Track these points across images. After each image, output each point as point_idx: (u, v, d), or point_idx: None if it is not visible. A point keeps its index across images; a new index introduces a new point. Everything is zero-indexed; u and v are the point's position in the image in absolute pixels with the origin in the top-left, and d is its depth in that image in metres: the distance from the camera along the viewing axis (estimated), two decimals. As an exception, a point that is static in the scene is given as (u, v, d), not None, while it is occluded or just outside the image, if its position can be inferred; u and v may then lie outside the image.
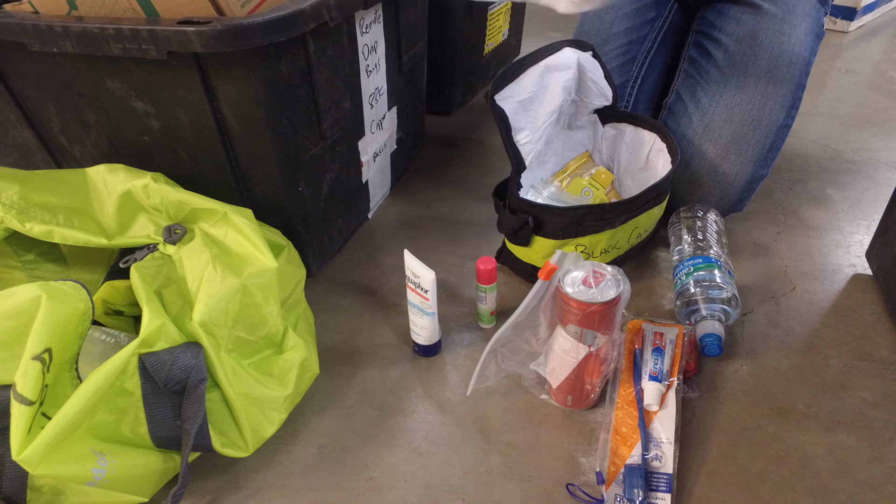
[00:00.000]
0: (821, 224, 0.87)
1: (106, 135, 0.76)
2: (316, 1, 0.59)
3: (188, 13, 0.58)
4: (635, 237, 0.72)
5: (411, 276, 0.61)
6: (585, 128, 0.85)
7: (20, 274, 0.77)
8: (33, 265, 0.78)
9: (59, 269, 0.80)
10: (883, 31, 1.57)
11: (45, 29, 0.61)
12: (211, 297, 0.56)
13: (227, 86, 0.61)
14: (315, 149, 0.71)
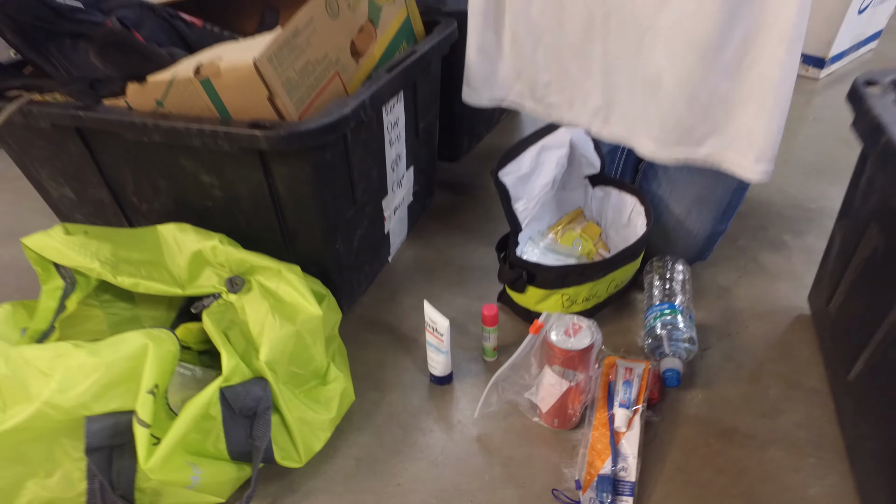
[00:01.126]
0: (777, 269, 1.02)
1: (173, 198, 0.92)
2: (356, 105, 0.74)
3: (255, 116, 0.73)
4: (613, 287, 0.87)
5: (430, 322, 0.76)
6: (577, 189, 1.00)
7: (98, 311, 0.92)
8: (109, 303, 0.93)
9: (128, 307, 0.95)
10: (850, 78, 1.71)
11: (140, 124, 0.77)
12: (273, 342, 0.71)
13: (282, 170, 0.76)
14: (349, 213, 0.86)
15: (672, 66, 0.75)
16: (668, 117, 0.79)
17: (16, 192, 1.41)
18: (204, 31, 1.04)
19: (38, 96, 0.88)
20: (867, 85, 0.70)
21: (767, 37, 0.70)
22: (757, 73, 0.72)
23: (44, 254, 0.81)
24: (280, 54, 0.69)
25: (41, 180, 1.06)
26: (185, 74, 0.73)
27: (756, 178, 0.79)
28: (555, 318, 0.68)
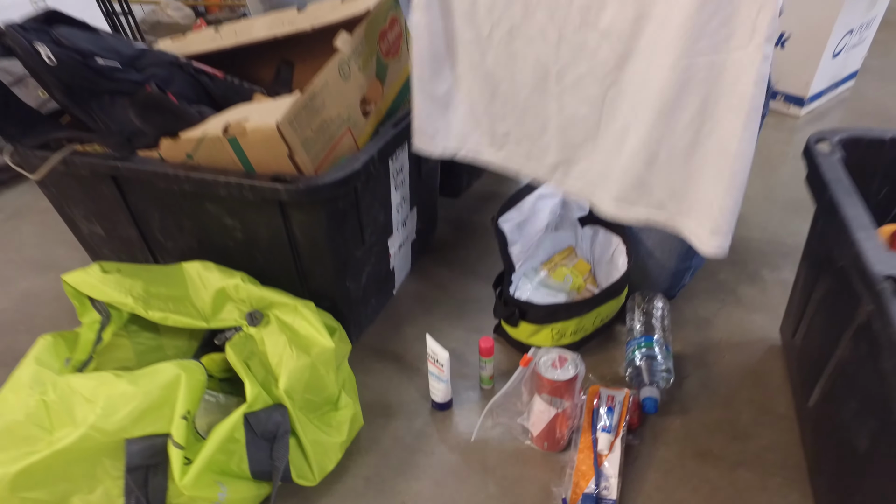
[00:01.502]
0: (753, 302, 1.10)
1: (197, 237, 1.01)
2: (366, 160, 0.84)
3: (276, 169, 0.82)
4: (599, 321, 0.96)
5: (431, 354, 0.84)
6: (568, 230, 1.09)
7: (126, 341, 1.00)
8: (135, 333, 1.01)
9: (152, 336, 1.03)
10: (829, 116, 1.81)
11: (172, 175, 0.87)
12: (291, 372, 0.79)
13: (300, 217, 0.85)
14: (358, 252, 0.95)
15: (637, 123, 0.73)
16: (628, 176, 0.76)
17: (42, 225, 1.51)
18: (225, 82, 1.14)
19: (79, 147, 0.98)
20: (818, 142, 0.79)
21: (726, 107, 0.67)
22: (715, 142, 0.69)
23: (82, 289, 0.89)
24: (299, 117, 0.79)
25: (74, 218, 1.15)
26: (214, 132, 0.82)
27: (710, 251, 0.75)
28: (543, 352, 0.76)
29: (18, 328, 1.17)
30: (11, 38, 0.92)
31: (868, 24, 1.77)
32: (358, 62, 0.89)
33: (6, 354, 1.10)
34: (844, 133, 0.81)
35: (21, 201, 1.62)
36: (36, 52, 0.91)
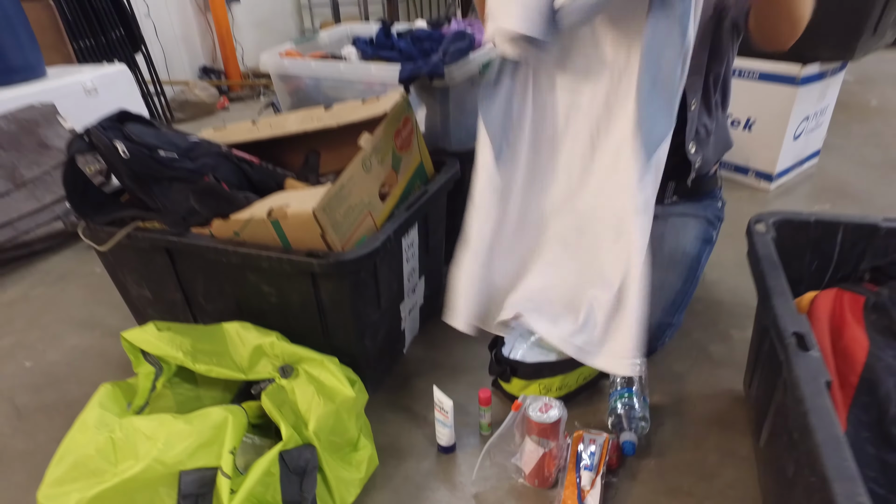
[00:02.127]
0: (722, 358, 1.24)
1: (235, 300, 1.17)
2: (384, 238, 1.01)
3: (310, 246, 0.99)
4: (582, 379, 1.10)
5: (437, 402, 0.98)
6: None
7: (168, 391, 1.13)
8: (176, 384, 1.14)
9: (191, 388, 1.16)
10: (797, 190, 2.00)
11: (221, 249, 1.04)
12: (319, 417, 0.93)
13: (328, 285, 1.02)
14: (375, 316, 1.11)
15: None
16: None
17: (87, 288, 1.67)
18: (262, 168, 1.33)
19: (141, 223, 1.16)
20: (756, 223, 0.97)
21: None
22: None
23: (139, 344, 1.05)
24: (331, 204, 0.97)
25: (126, 283, 1.32)
26: (260, 215, 1.00)
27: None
28: (531, 399, 0.90)
29: (69, 380, 1.31)
30: (96, 137, 1.12)
31: (822, 112, 1.99)
32: (377, 157, 1.08)
33: (58, 402, 1.24)
34: (778, 216, 0.98)
35: (66, 266, 1.80)
36: (114, 147, 1.11)
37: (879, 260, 0.94)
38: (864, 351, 0.75)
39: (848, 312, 0.82)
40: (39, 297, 1.64)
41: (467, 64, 1.36)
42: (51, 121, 2.01)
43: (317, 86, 1.53)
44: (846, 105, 2.77)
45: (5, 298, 1.64)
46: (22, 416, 1.21)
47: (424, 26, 1.61)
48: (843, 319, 0.81)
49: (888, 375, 0.71)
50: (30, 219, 1.82)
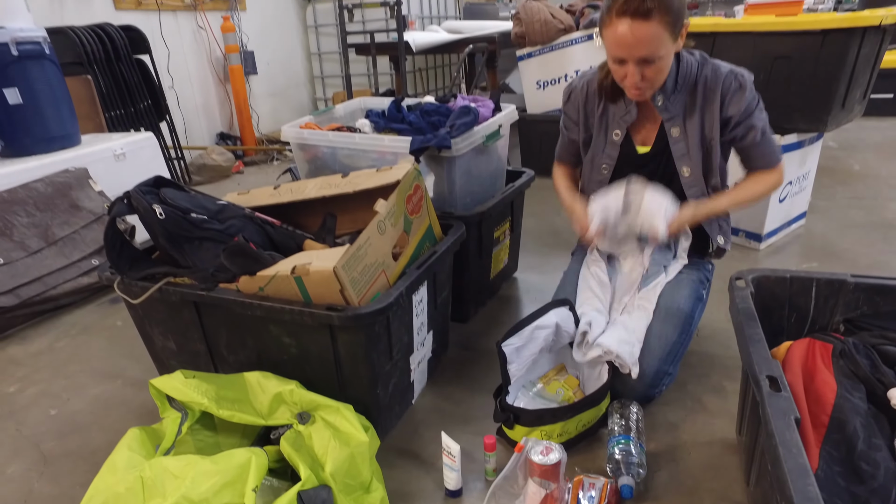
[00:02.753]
0: (716, 408, 1.30)
1: (257, 352, 1.25)
2: (397, 294, 1.11)
3: (329, 301, 1.09)
4: (581, 426, 1.16)
5: (446, 447, 1.05)
6: (561, 351, 1.33)
7: (188, 437, 1.19)
8: (197, 431, 1.20)
9: (210, 434, 1.23)
10: (786, 249, 2.11)
11: (247, 303, 1.13)
12: (335, 460, 1.00)
13: (344, 337, 1.11)
14: (387, 366, 1.19)
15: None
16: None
17: (109, 340, 1.76)
18: (282, 229, 1.45)
19: (172, 279, 1.26)
20: (737, 280, 1.06)
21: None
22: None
23: (167, 391, 1.13)
24: (349, 263, 1.07)
25: (152, 335, 1.40)
26: (284, 272, 1.10)
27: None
28: (533, 443, 0.97)
29: (92, 428, 1.37)
30: (135, 200, 1.25)
31: (804, 177, 2.12)
32: (391, 220, 1.19)
33: (82, 449, 1.30)
34: (756, 273, 1.08)
35: (89, 319, 1.89)
36: (153, 210, 1.23)
37: (851, 313, 1.03)
38: (833, 393, 0.82)
39: (819, 359, 0.89)
40: (64, 348, 1.72)
41: (472, 136, 1.50)
42: (83, 184, 2.16)
43: (333, 154, 1.67)
44: (831, 170, 2.93)
45: (32, 349, 1.72)
46: (48, 461, 1.26)
47: (433, 101, 1.76)
48: (815, 365, 0.88)
49: (855, 415, 0.78)
50: (58, 274, 1.93)
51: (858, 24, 1.69)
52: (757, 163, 1.33)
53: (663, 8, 1.11)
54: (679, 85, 1.27)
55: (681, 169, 1.32)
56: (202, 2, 3.80)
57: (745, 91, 1.23)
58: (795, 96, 1.85)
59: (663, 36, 1.13)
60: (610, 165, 1.39)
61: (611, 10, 1.15)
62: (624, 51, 1.15)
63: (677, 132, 1.30)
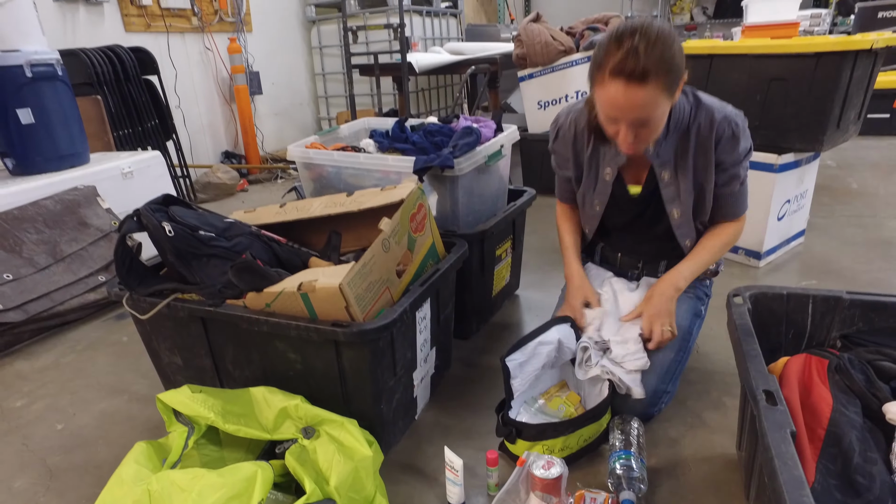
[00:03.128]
0: (716, 424, 1.31)
1: (262, 367, 1.27)
2: (401, 311, 1.13)
3: (334, 317, 1.11)
4: (583, 441, 1.18)
5: (448, 462, 1.06)
6: (563, 367, 1.35)
7: (194, 451, 1.20)
8: (202, 446, 1.22)
9: (216, 449, 1.24)
10: (786, 267, 2.13)
11: (254, 319, 1.15)
12: (339, 474, 1.01)
13: (349, 353, 1.12)
14: (391, 382, 1.20)
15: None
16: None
17: (114, 356, 1.78)
18: (288, 247, 1.47)
19: (180, 295, 1.28)
20: (734, 296, 1.08)
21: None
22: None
23: (174, 405, 1.14)
24: (355, 280, 1.10)
25: (158, 350, 1.42)
26: (291, 289, 1.13)
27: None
28: (535, 457, 0.98)
29: (97, 442, 1.38)
30: (145, 217, 1.28)
31: (802, 195, 2.15)
32: (395, 238, 1.22)
33: (88, 464, 1.31)
34: (754, 289, 1.10)
35: (95, 335, 1.91)
36: (162, 227, 1.25)
37: (847, 329, 1.05)
38: (828, 407, 0.84)
39: (815, 374, 0.91)
40: (70, 364, 1.74)
41: (475, 156, 1.53)
42: (91, 201, 2.19)
43: (338, 173, 1.70)
44: (829, 188, 2.96)
45: (38, 365, 1.74)
46: (53, 475, 1.28)
47: (436, 121, 1.80)
48: (811, 380, 0.90)
49: (850, 429, 0.80)
50: (65, 290, 1.95)
51: (851, 48, 1.74)
52: (726, 211, 1.31)
53: (662, 69, 1.04)
54: (671, 130, 1.22)
55: (670, 211, 1.31)
56: (210, 24, 3.88)
57: (738, 140, 1.20)
58: (791, 117, 1.89)
59: (660, 98, 1.07)
60: (602, 203, 1.38)
61: (603, 68, 1.07)
62: (617, 113, 1.10)
63: (668, 176, 1.27)
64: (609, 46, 1.06)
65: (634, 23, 1.06)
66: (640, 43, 1.03)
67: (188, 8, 3.70)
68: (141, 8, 3.42)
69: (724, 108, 1.21)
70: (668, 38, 1.05)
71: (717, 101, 1.24)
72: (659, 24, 1.07)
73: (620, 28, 1.07)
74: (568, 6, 6.97)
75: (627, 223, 1.41)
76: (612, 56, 1.05)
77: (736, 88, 1.99)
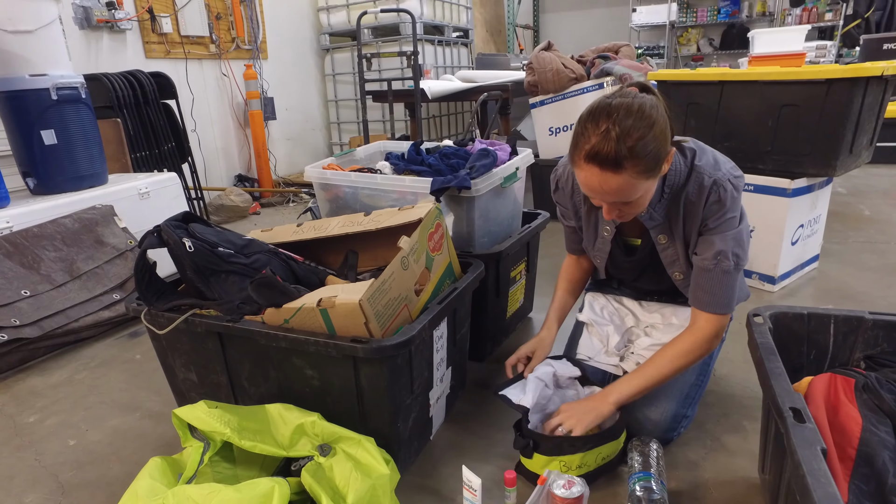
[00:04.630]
0: (736, 448, 1.29)
1: (278, 384, 1.26)
2: (419, 328, 1.13)
3: (353, 333, 1.11)
4: (601, 459, 1.16)
5: (466, 481, 1.04)
6: (572, 388, 1.34)
7: (207, 469, 1.20)
8: (216, 463, 1.21)
9: (229, 466, 1.23)
10: (800, 292, 2.11)
11: (272, 334, 1.16)
12: (357, 491, 1.00)
13: (367, 369, 1.12)
14: (408, 400, 1.20)
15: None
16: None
17: (127, 373, 1.77)
18: (305, 265, 1.48)
19: (198, 310, 1.29)
20: (754, 316, 1.07)
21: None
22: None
23: (190, 420, 1.13)
24: (374, 296, 1.10)
25: (174, 367, 1.42)
26: (310, 304, 1.13)
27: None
28: (556, 475, 0.97)
29: (109, 459, 1.38)
30: (166, 233, 1.29)
31: (816, 220, 2.15)
32: (414, 256, 1.23)
33: (100, 480, 1.30)
34: (774, 309, 1.09)
35: (109, 353, 1.91)
36: (182, 243, 1.27)
37: (871, 349, 1.04)
38: (858, 427, 0.82)
39: (842, 393, 0.90)
40: (83, 380, 1.74)
41: (491, 178, 1.55)
42: (108, 220, 2.22)
43: (354, 194, 1.72)
44: (842, 215, 2.96)
45: (52, 381, 1.74)
46: (65, 491, 1.27)
47: (451, 144, 1.83)
48: (838, 399, 0.89)
49: (883, 448, 0.78)
50: (80, 307, 1.96)
51: (862, 75, 1.76)
52: (699, 296, 1.15)
53: (638, 155, 0.98)
54: (665, 195, 1.16)
55: (672, 273, 1.27)
56: (227, 51, 3.98)
57: (724, 205, 1.10)
58: (804, 142, 1.90)
59: (637, 182, 1.01)
60: (603, 258, 1.36)
61: (579, 150, 1.02)
62: (595, 195, 1.07)
63: (665, 239, 1.22)
64: (586, 126, 1.02)
65: (613, 102, 1.01)
66: (615, 128, 0.97)
67: (207, 35, 3.80)
68: (161, 35, 3.52)
69: (715, 172, 1.12)
70: (648, 117, 0.99)
71: (714, 160, 1.15)
72: (641, 100, 1.00)
73: (600, 105, 1.02)
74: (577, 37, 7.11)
75: (634, 279, 1.42)
76: (587, 138, 1.00)
77: (747, 114, 2.01)
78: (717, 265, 1.12)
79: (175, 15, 3.57)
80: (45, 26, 2.14)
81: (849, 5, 5.38)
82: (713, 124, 2.09)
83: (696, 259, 1.17)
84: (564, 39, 6.36)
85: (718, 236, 1.12)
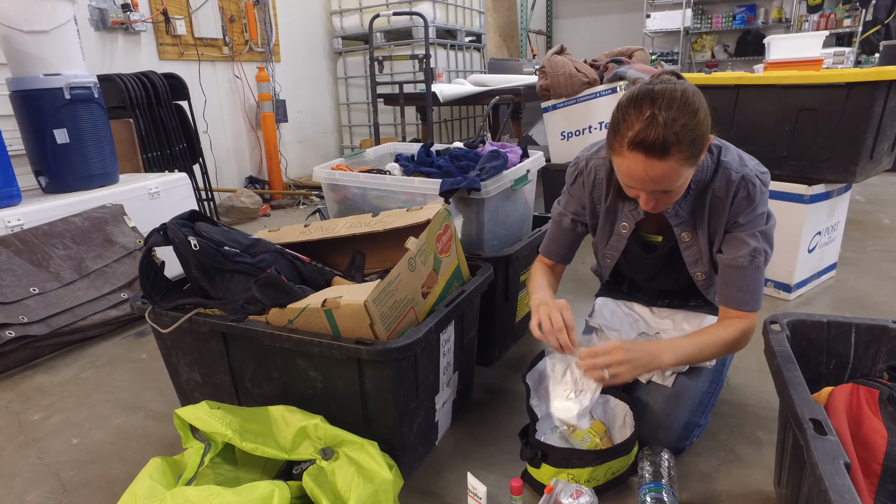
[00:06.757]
0: (750, 459, 1.25)
1: (282, 386, 1.24)
2: (426, 331, 1.10)
3: (358, 335, 1.09)
4: (610, 474, 1.12)
5: (472, 489, 1.02)
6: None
7: (208, 471, 1.18)
8: (217, 465, 1.19)
9: (230, 469, 1.21)
10: (817, 300, 2.06)
11: (276, 335, 1.14)
12: (358, 497, 0.97)
13: (371, 372, 1.10)
14: (413, 404, 1.17)
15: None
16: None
17: (133, 373, 1.77)
18: (311, 266, 1.47)
19: (202, 309, 1.27)
20: (772, 324, 1.04)
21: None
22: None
23: (191, 421, 1.12)
24: (380, 298, 1.08)
25: (178, 366, 1.41)
26: (315, 305, 1.11)
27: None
28: (563, 484, 0.94)
29: (112, 458, 1.36)
30: (172, 231, 1.28)
31: (833, 227, 2.10)
32: (421, 258, 1.20)
33: (101, 479, 1.29)
34: (792, 317, 1.06)
35: (115, 352, 1.91)
36: (188, 241, 1.26)
37: (895, 360, 1.00)
38: (883, 441, 0.79)
39: (865, 405, 0.86)
40: (89, 379, 1.73)
41: (501, 180, 1.52)
42: (118, 219, 2.22)
43: (363, 195, 1.71)
44: (860, 223, 2.89)
45: (58, 379, 1.73)
46: (66, 490, 1.25)
47: (461, 146, 1.81)
48: (861, 411, 0.85)
49: (908, 465, 0.75)
50: (88, 306, 1.96)
51: (884, 78, 1.71)
52: (730, 293, 1.14)
53: (684, 140, 0.95)
54: (691, 191, 1.15)
55: (694, 273, 1.24)
56: (240, 53, 3.99)
57: (754, 201, 1.09)
58: (822, 147, 1.86)
59: (682, 169, 0.99)
60: (614, 257, 1.32)
61: (621, 137, 0.99)
62: (636, 184, 1.04)
63: (688, 237, 1.19)
64: (628, 112, 0.99)
65: (656, 87, 0.98)
66: (661, 113, 0.94)
67: (220, 38, 3.82)
68: (175, 37, 3.54)
69: (742, 168, 1.11)
70: (692, 104, 0.97)
71: (739, 157, 1.14)
72: (682, 86, 0.99)
73: (642, 91, 0.99)
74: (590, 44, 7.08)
75: (650, 278, 1.37)
76: (630, 125, 0.97)
77: (764, 118, 1.97)
78: (751, 262, 1.11)
79: (189, 17, 3.60)
80: (61, 26, 2.15)
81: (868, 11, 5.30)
82: (728, 129, 2.05)
83: (723, 258, 1.15)
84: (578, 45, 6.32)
85: (749, 233, 1.11)
